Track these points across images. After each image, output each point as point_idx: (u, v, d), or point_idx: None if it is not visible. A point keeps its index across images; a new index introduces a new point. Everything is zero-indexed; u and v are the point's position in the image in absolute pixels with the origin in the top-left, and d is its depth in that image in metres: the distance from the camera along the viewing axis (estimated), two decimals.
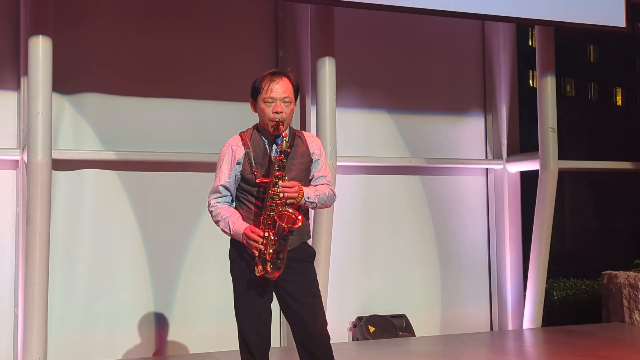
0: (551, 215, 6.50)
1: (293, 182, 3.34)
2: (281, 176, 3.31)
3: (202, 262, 5.94)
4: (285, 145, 3.33)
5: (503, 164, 6.90)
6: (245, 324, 3.43)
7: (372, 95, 6.62)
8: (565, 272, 9.29)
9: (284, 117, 3.38)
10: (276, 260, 3.29)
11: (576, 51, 26.14)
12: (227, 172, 3.44)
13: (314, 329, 3.41)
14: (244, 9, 6.17)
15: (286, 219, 3.26)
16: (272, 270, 3.30)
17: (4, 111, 5.53)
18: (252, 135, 3.47)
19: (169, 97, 5.96)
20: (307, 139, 3.53)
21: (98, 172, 5.72)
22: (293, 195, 3.30)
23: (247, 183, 3.43)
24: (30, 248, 5.08)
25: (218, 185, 3.45)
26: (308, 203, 3.39)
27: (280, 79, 3.41)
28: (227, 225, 3.40)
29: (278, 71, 3.47)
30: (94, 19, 5.76)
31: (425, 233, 6.76)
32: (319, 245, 5.67)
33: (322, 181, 3.51)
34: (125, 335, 5.73)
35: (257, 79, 3.45)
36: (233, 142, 3.47)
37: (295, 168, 3.43)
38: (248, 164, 3.41)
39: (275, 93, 3.38)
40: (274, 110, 3.37)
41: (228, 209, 3.44)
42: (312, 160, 3.51)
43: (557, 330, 6.55)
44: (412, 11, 5.82)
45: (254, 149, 3.42)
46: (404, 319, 6.43)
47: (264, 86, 3.40)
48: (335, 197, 3.55)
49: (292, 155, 3.43)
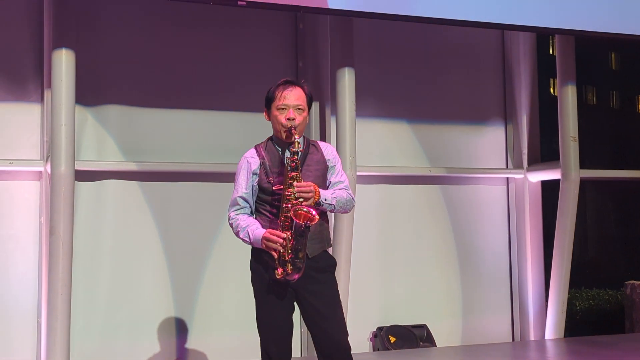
0: (573, 224, 6.45)
1: (308, 182, 3.35)
2: (296, 177, 3.33)
3: (223, 272, 5.96)
4: (298, 146, 3.34)
5: (524, 174, 6.88)
6: (267, 334, 3.45)
7: (392, 105, 6.63)
8: (588, 282, 9.23)
9: (297, 124, 3.41)
10: (295, 260, 3.30)
11: (597, 59, 25.98)
12: (245, 183, 3.47)
13: (335, 339, 3.42)
14: (264, 20, 6.21)
15: (303, 216, 3.27)
16: (292, 271, 3.31)
17: (28, 123, 5.60)
18: (267, 145, 3.51)
19: (190, 109, 6.01)
20: (322, 147, 3.57)
21: (120, 183, 5.77)
22: (308, 195, 3.31)
23: (264, 192, 3.46)
24: (54, 258, 5.13)
25: (236, 197, 3.49)
26: (326, 205, 3.40)
27: (294, 87, 3.46)
28: (246, 234, 3.42)
29: (291, 80, 3.52)
30: (116, 32, 5.83)
31: (446, 243, 6.74)
32: (339, 254, 5.67)
33: (339, 186, 3.53)
34: (147, 344, 5.76)
35: (271, 89, 3.51)
36: (248, 154, 3.52)
37: (311, 175, 3.44)
38: (264, 173, 3.44)
39: (288, 100, 3.43)
40: (286, 117, 3.41)
41: (247, 219, 3.46)
42: (328, 167, 3.53)
43: (579, 341, 6.50)
44: (432, 21, 5.83)
45: (269, 158, 3.46)
46: (425, 329, 6.41)
47: (277, 94, 3.45)
48: (354, 202, 3.56)
49: (307, 162, 3.45)
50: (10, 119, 5.57)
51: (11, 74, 5.57)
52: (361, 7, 5.58)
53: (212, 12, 6.04)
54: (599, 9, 6.23)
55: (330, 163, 3.54)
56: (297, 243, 3.29)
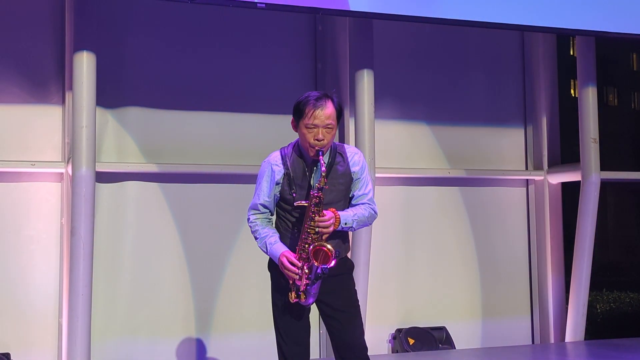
0: (593, 226, 6.41)
1: (330, 214, 3.32)
2: (317, 212, 3.30)
3: (243, 273, 5.98)
4: (324, 182, 3.30)
5: (544, 175, 6.84)
6: (285, 335, 3.46)
7: (411, 106, 6.61)
8: (609, 284, 9.16)
9: (325, 144, 3.36)
10: (310, 289, 3.32)
11: (618, 60, 25.77)
12: (267, 191, 3.45)
13: (352, 340, 3.43)
14: (283, 22, 6.23)
15: (322, 256, 3.27)
16: (306, 299, 3.34)
17: (49, 125, 5.65)
18: (292, 155, 3.45)
19: (210, 110, 6.03)
20: (349, 155, 3.49)
21: (140, 184, 5.81)
22: (329, 230, 3.31)
23: (286, 203, 3.46)
24: (75, 259, 5.17)
25: (257, 203, 3.48)
26: (346, 228, 3.40)
27: (325, 106, 3.35)
28: (264, 245, 3.44)
29: (323, 96, 3.40)
30: (136, 34, 5.86)
31: (465, 244, 6.72)
32: (358, 256, 5.67)
33: (363, 200, 3.49)
34: (166, 346, 5.79)
35: (302, 101, 3.39)
36: (273, 160, 3.46)
37: (335, 189, 3.42)
38: (287, 184, 3.42)
39: (318, 120, 3.34)
40: (315, 138, 3.34)
41: (266, 229, 3.46)
42: (353, 179, 3.49)
43: (601, 344, 6.45)
44: (451, 23, 5.81)
45: (293, 169, 3.42)
46: (444, 331, 6.39)
47: (308, 112, 3.35)
48: (376, 215, 3.52)
49: (332, 175, 3.41)
50: (32, 121, 5.62)
51: (33, 76, 5.62)
52: (382, 9, 5.57)
53: (231, 14, 6.07)
54: (619, 9, 6.18)
55: (355, 176, 3.48)
56: (313, 278, 3.30)
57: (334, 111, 3.38)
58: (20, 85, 5.59)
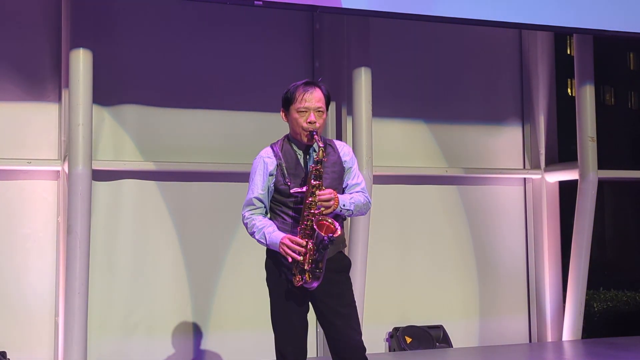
0: (591, 225, 6.41)
1: (329, 190, 3.35)
2: (318, 185, 3.32)
3: (240, 272, 5.97)
4: (322, 154, 3.34)
5: (541, 174, 6.84)
6: (282, 334, 3.46)
7: (409, 105, 6.61)
8: (606, 283, 9.17)
9: (318, 127, 3.40)
10: (315, 269, 3.30)
11: (616, 59, 25.80)
12: (260, 184, 3.46)
13: (349, 339, 3.42)
14: (280, 20, 6.22)
15: (325, 227, 3.27)
16: (311, 279, 3.31)
17: (45, 123, 5.63)
18: (283, 146, 3.49)
19: (207, 109, 6.02)
20: (338, 147, 3.54)
21: (137, 183, 5.80)
22: (329, 204, 3.31)
23: (280, 194, 3.45)
24: (71, 257, 5.16)
25: (251, 198, 3.47)
26: (344, 211, 3.40)
27: (314, 89, 3.44)
28: (262, 236, 3.41)
29: (311, 81, 3.50)
30: (133, 32, 5.85)
31: (463, 243, 6.72)
32: (355, 255, 5.67)
33: (356, 189, 3.52)
34: (163, 344, 5.78)
35: (289, 89, 3.48)
36: (264, 153, 3.49)
37: (328, 177, 3.44)
38: (281, 175, 3.43)
39: (309, 103, 3.40)
40: (307, 120, 3.39)
41: (263, 220, 3.45)
42: (345, 168, 3.52)
43: (598, 343, 6.46)
44: (449, 21, 5.81)
45: (286, 159, 3.44)
46: (441, 330, 6.39)
47: (298, 96, 3.42)
48: (370, 205, 3.56)
49: (324, 164, 3.44)
50: (28, 118, 5.61)
51: (29, 74, 5.61)
52: (377, 7, 5.57)
53: (228, 12, 6.05)
54: (617, 8, 6.18)
55: (347, 165, 3.52)
56: (319, 255, 3.28)
57: (323, 96, 3.45)
58: (16, 83, 5.58)
